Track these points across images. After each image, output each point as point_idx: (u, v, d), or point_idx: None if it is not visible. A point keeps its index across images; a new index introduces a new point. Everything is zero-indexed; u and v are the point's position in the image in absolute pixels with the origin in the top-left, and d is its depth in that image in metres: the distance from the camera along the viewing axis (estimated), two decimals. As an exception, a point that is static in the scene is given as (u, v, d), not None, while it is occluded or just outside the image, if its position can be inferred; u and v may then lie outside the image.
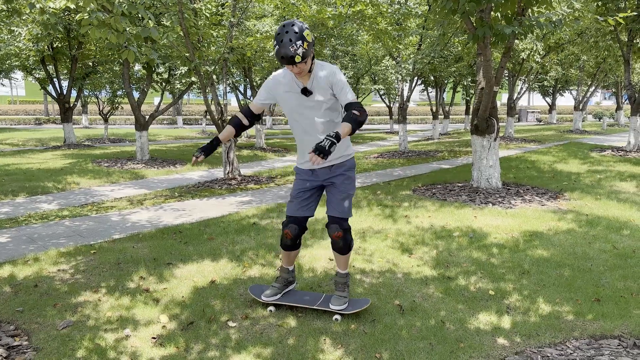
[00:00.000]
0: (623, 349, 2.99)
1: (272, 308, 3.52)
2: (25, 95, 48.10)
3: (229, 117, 8.93)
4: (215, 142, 3.23)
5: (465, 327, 3.28)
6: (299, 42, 2.85)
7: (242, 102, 16.80)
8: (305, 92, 3.13)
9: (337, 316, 3.36)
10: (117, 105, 18.18)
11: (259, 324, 3.33)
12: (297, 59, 2.88)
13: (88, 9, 4.23)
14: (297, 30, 2.86)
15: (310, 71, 3.09)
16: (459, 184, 8.20)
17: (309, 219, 3.47)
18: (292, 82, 3.15)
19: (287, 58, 2.87)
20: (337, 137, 2.81)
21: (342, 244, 3.33)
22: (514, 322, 3.34)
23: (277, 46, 2.89)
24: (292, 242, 3.43)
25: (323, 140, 2.78)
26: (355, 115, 2.93)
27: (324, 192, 3.45)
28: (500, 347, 3.04)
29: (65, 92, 15.12)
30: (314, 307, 3.42)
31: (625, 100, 28.73)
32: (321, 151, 2.73)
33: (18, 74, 25.77)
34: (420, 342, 3.08)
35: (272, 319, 3.40)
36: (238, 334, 3.19)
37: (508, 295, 3.77)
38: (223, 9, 9.96)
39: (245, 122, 3.34)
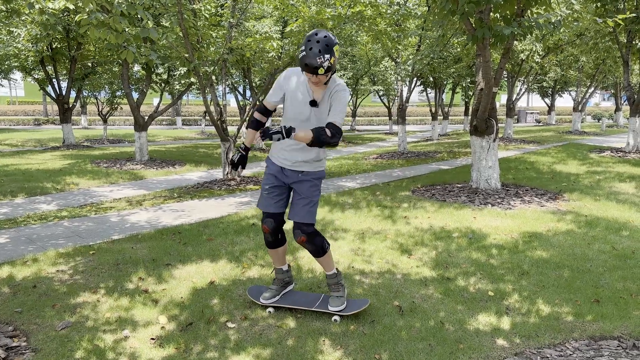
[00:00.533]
0: (622, 350, 2.99)
1: (271, 309, 3.51)
2: (24, 95, 48.05)
3: (228, 118, 8.90)
4: (246, 152, 3.28)
5: (465, 328, 3.28)
6: (327, 56, 2.87)
7: (241, 103, 16.77)
8: (314, 103, 3.13)
9: (336, 317, 3.36)
10: (116, 105, 18.17)
11: (258, 324, 3.33)
12: (321, 71, 2.89)
13: (87, 9, 4.22)
14: (328, 43, 2.87)
15: (325, 84, 3.11)
16: (458, 185, 8.20)
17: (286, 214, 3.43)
18: (306, 85, 3.15)
19: (310, 68, 2.88)
20: (289, 132, 2.88)
21: (311, 248, 3.31)
22: (514, 323, 3.33)
23: (303, 52, 2.88)
24: (273, 238, 3.41)
25: (277, 127, 2.86)
26: (324, 134, 2.94)
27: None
28: (500, 348, 3.04)
29: (64, 92, 15.12)
30: (313, 309, 3.42)
31: (624, 102, 28.75)
32: (264, 133, 2.86)
33: (17, 75, 25.73)
34: (420, 343, 3.08)
35: (271, 319, 3.39)
36: (237, 335, 3.18)
37: (507, 296, 3.77)
38: (222, 9, 9.95)
39: (264, 120, 3.31)
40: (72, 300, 3.70)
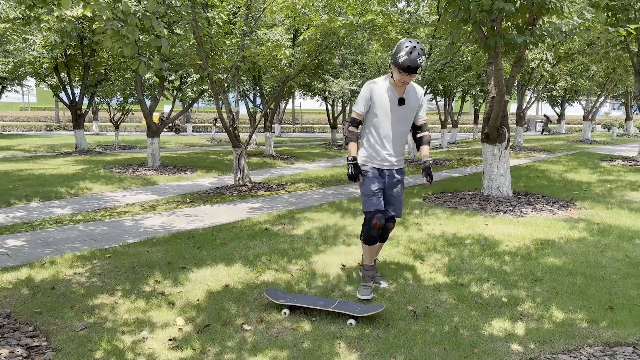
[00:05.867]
0: (638, 357, 3.00)
1: (286, 311, 3.55)
2: (36, 102, 48.63)
3: (239, 125, 8.92)
4: (355, 161, 3.79)
5: (479, 333, 3.30)
6: (423, 58, 3.49)
7: (251, 110, 16.87)
8: (402, 101, 3.72)
9: (351, 320, 3.39)
10: (127, 111, 18.36)
11: (274, 327, 3.37)
12: (419, 70, 3.51)
13: (104, 17, 4.29)
14: (422, 48, 3.48)
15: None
16: (470, 192, 8.21)
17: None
18: (390, 89, 3.72)
19: (413, 68, 3.45)
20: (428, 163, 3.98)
21: (389, 234, 4.06)
22: (528, 329, 3.35)
23: (406, 56, 3.44)
24: (380, 233, 3.88)
25: (426, 163, 3.96)
26: (429, 138, 3.97)
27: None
28: (515, 353, 3.05)
29: (77, 99, 15.30)
30: (329, 310, 3.45)
31: (635, 111, 28.61)
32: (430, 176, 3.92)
33: (31, 81, 26.09)
34: (435, 347, 3.10)
35: (287, 322, 3.43)
36: (253, 337, 3.22)
37: (521, 302, 3.78)
38: (235, 17, 10.07)
39: (357, 131, 3.84)
40: (90, 301, 3.77)
